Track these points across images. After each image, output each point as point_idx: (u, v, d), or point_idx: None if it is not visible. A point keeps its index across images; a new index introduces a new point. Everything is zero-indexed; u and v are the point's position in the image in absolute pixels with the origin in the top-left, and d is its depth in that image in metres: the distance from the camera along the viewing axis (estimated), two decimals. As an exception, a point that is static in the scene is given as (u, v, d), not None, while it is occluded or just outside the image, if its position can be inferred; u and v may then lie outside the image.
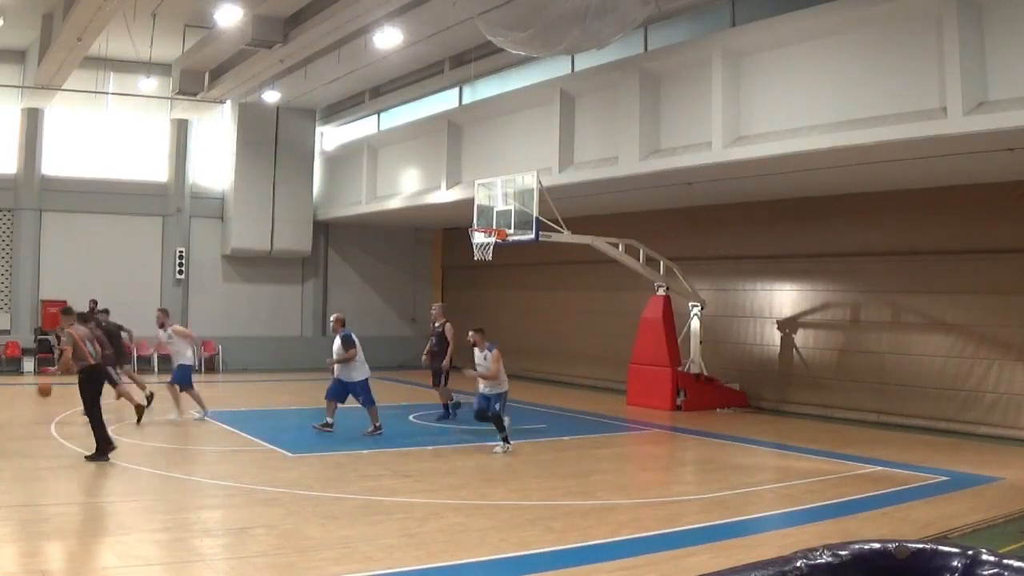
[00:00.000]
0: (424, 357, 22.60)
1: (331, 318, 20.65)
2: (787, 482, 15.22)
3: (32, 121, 32.62)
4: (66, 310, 16.92)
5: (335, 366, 19.53)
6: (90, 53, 26.93)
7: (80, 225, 33.11)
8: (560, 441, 19.40)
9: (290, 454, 16.89)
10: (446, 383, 22.09)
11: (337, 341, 19.38)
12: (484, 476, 15.38)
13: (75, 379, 15.91)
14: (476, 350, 17.98)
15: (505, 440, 17.36)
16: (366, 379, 19.40)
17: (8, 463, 15.30)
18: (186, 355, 21.16)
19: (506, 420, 17.54)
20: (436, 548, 10.65)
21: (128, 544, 10.70)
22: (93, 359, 15.98)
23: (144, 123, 34.36)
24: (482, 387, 17.81)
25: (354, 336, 19.38)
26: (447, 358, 21.93)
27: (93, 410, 15.67)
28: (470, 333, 18.11)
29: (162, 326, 21.12)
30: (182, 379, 20.89)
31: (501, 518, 12.19)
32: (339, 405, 19.51)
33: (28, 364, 31.31)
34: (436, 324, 22.25)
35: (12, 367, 31.14)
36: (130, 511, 12.59)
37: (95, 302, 30.22)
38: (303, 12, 23.82)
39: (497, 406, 17.51)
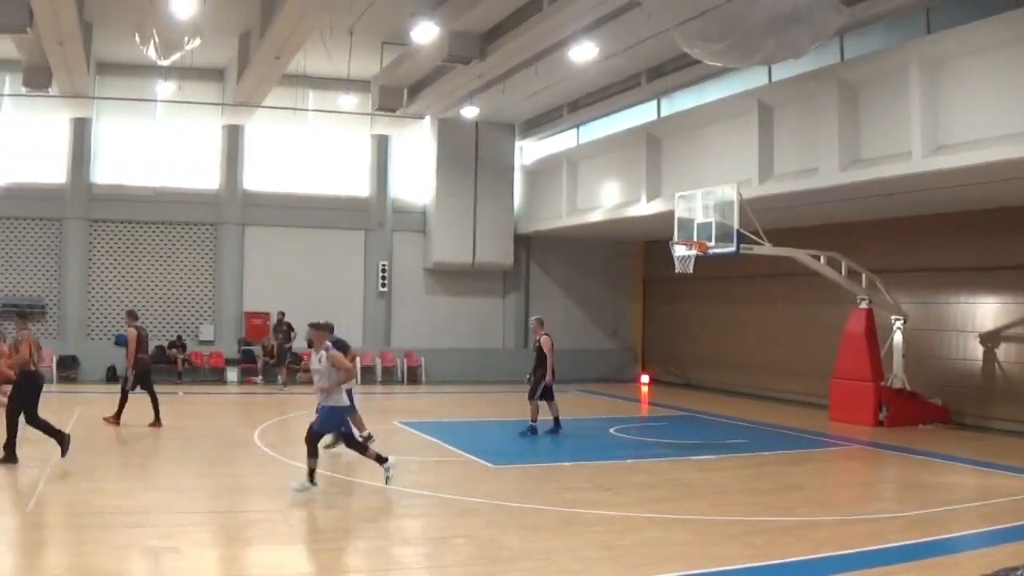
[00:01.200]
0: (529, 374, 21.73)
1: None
2: (988, 500, 14.60)
3: (233, 137, 33.91)
4: (21, 313, 17.21)
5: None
6: (289, 71, 27.82)
7: (282, 239, 34.23)
8: (761, 456, 19.02)
9: (491, 465, 16.98)
10: (542, 397, 21.01)
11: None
12: (684, 490, 15.19)
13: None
14: (312, 352, 14.95)
15: (380, 459, 14.39)
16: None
17: (212, 470, 15.79)
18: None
19: (326, 441, 14.98)
20: (635, 561, 10.54)
21: (328, 552, 10.95)
22: (34, 366, 16.11)
23: (344, 139, 35.33)
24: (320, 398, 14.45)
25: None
26: (549, 372, 20.96)
27: (34, 416, 15.81)
28: (308, 330, 15.11)
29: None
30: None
31: (701, 533, 12.00)
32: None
33: (232, 374, 32.31)
34: (536, 338, 21.47)
35: (216, 377, 32.13)
36: (330, 519, 12.90)
37: (283, 313, 31.07)
38: (499, 28, 24.08)
39: (315, 425, 14.20)
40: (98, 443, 18.68)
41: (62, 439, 15.68)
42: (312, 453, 13.87)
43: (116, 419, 20.50)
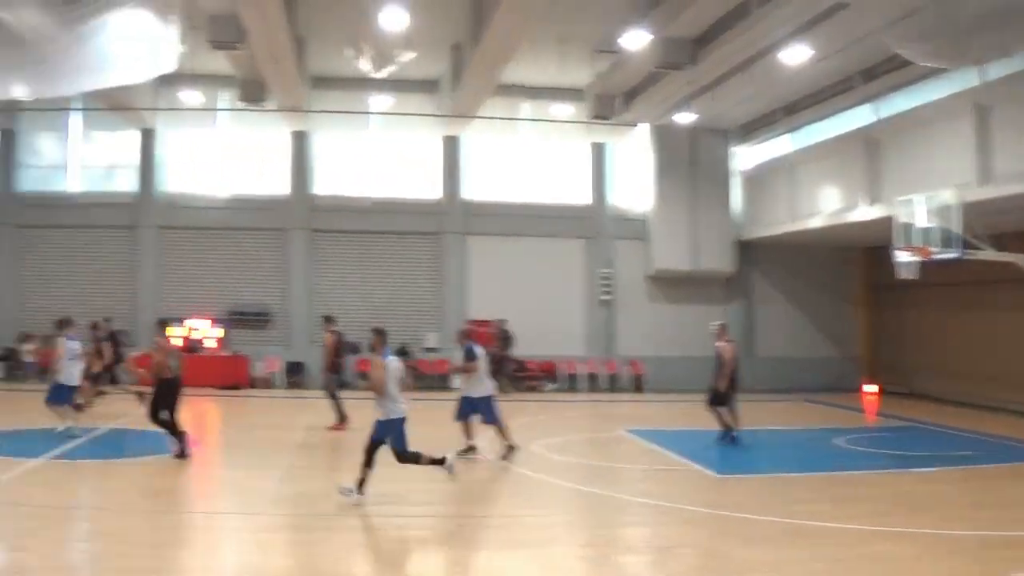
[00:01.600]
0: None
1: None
2: None
3: (451, 148, 34.88)
4: (161, 321, 18.10)
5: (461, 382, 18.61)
6: (503, 80, 28.27)
7: (503, 247, 34.82)
8: (989, 469, 18.31)
9: (716, 474, 16.90)
10: (716, 404, 20.82)
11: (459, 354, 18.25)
12: (911, 503, 14.79)
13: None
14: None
15: (441, 462, 13.94)
16: (489, 396, 17.89)
17: (440, 474, 16.10)
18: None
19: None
20: (863, 576, 10.43)
21: (552, 558, 11.13)
22: (170, 373, 16.75)
23: (561, 147, 35.70)
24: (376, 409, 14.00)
25: (476, 350, 18.04)
26: (725, 380, 20.68)
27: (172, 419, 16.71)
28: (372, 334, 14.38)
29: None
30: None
31: (928, 546, 11.72)
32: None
33: (457, 381, 32.52)
34: (717, 344, 21.06)
35: (442, 383, 32.48)
36: (554, 525, 13.04)
37: (503, 321, 31.32)
38: (710, 32, 24.08)
39: (388, 438, 13.75)
40: (326, 446, 19.44)
41: (182, 440, 16.69)
42: (421, 461, 13.82)
43: (341, 425, 21.12)
